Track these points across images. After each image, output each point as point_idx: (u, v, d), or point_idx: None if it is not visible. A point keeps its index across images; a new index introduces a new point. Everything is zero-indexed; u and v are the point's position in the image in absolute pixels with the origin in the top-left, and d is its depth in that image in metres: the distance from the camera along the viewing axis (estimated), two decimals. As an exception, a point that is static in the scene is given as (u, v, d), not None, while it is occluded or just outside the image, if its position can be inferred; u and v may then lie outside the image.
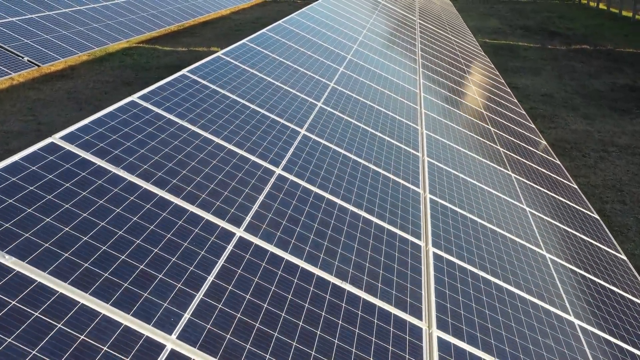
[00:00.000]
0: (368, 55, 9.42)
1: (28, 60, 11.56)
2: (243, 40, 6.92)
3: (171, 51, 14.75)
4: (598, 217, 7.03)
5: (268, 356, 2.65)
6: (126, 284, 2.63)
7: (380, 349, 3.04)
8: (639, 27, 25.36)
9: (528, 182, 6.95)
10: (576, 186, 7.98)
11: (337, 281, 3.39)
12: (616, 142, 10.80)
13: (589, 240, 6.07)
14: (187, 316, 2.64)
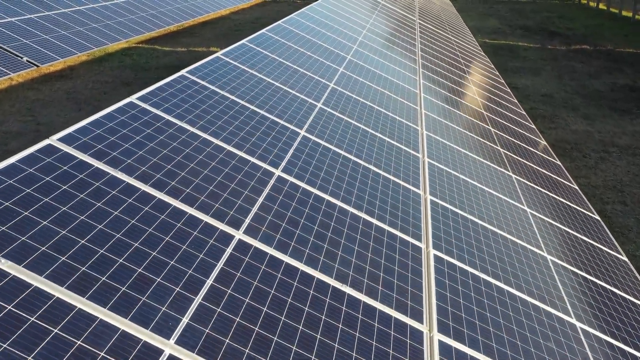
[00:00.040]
0: (368, 55, 9.39)
1: (27, 60, 11.53)
2: (242, 40, 6.89)
3: (170, 51, 14.72)
4: (599, 218, 7.00)
5: (267, 361, 2.62)
6: (124, 288, 2.60)
7: (380, 353, 3.01)
8: (639, 27, 25.34)
9: (528, 183, 6.92)
10: (577, 187, 7.96)
11: (337, 284, 3.36)
12: (617, 143, 10.77)
13: (590, 241, 6.04)
14: (186, 320, 2.61)
